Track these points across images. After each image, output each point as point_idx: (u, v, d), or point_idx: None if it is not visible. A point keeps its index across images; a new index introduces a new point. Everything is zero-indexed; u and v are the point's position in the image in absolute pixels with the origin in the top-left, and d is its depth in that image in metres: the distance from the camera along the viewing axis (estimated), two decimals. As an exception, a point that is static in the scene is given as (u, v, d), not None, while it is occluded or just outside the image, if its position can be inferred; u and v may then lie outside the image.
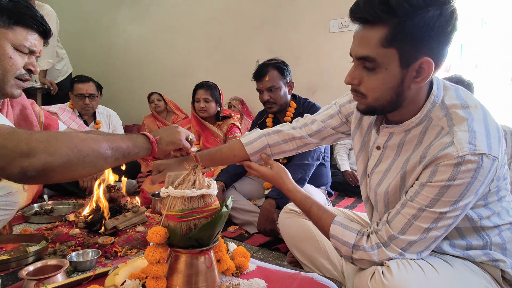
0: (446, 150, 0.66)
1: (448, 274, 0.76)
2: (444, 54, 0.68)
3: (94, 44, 4.63)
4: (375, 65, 0.68)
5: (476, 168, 0.65)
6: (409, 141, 0.76)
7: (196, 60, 3.86)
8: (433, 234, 0.71)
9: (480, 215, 0.77)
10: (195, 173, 0.68)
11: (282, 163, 1.89)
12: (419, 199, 0.70)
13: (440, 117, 0.71)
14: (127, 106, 4.45)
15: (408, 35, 0.63)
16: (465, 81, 1.72)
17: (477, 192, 0.68)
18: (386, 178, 0.81)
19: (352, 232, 0.78)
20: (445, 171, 0.66)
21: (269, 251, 1.43)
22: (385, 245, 0.73)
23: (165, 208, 0.66)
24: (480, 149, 0.65)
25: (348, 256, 0.79)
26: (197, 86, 2.33)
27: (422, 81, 0.68)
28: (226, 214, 0.66)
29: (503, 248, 0.81)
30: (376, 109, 0.75)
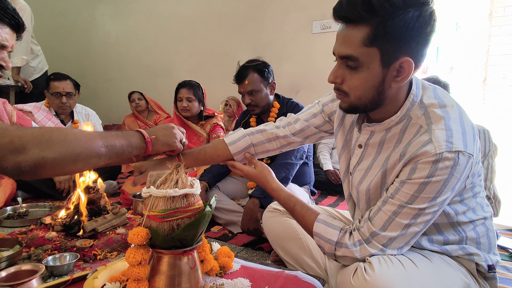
0: (425, 148, 0.69)
1: (427, 268, 0.79)
2: (423, 54, 0.70)
3: (72, 41, 4.47)
4: (358, 64, 0.70)
5: (453, 165, 0.67)
6: (390, 139, 0.78)
7: (179, 59, 3.81)
8: (412, 230, 0.73)
9: (456, 210, 0.80)
10: (178, 173, 0.66)
11: (266, 163, 1.90)
12: (399, 196, 0.72)
13: (419, 115, 0.74)
14: (107, 105, 4.33)
15: (389, 34, 0.65)
16: (442, 82, 1.78)
17: (454, 188, 0.71)
18: (368, 176, 0.83)
19: (335, 230, 0.80)
20: (423, 168, 0.68)
21: (253, 251, 1.43)
22: (367, 241, 0.75)
23: (147, 208, 0.64)
24: (456, 146, 0.67)
25: (331, 253, 0.80)
26: (180, 85, 2.30)
27: (403, 81, 0.70)
28: (210, 214, 0.65)
29: (478, 242, 0.85)
30: (358, 107, 0.77)
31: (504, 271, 1.36)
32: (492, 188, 1.65)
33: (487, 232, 0.86)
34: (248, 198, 1.72)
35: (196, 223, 0.63)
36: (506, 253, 1.56)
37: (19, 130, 0.64)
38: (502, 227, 1.90)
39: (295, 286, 0.79)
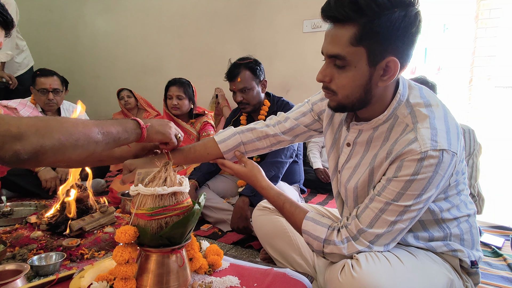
0: (410, 146, 0.70)
1: (413, 264, 0.80)
2: (409, 55, 0.72)
3: (59, 36, 4.37)
4: (345, 63, 0.71)
5: (437, 163, 0.69)
6: (377, 138, 0.80)
7: (168, 56, 3.77)
8: (398, 226, 0.74)
9: (441, 207, 0.82)
10: (166, 170, 0.66)
11: (256, 161, 1.90)
12: (386, 193, 0.74)
13: (405, 114, 0.75)
14: (95, 103, 4.25)
15: (375, 34, 0.66)
16: (429, 82, 1.81)
17: (438, 185, 0.73)
18: (356, 174, 0.84)
19: (323, 227, 0.81)
20: (409, 166, 0.70)
21: (242, 249, 1.43)
22: (354, 238, 0.76)
23: (135, 206, 0.63)
24: (441, 145, 0.69)
25: (320, 250, 0.81)
26: (170, 83, 2.28)
27: (389, 80, 0.72)
28: (199, 212, 0.65)
29: (461, 239, 0.87)
30: (346, 106, 0.78)
31: (487, 266, 1.40)
32: (476, 186, 1.69)
33: (470, 229, 0.88)
34: (238, 196, 1.72)
35: (185, 221, 0.63)
36: (489, 249, 1.60)
37: (15, 119, 0.63)
38: (485, 224, 1.95)
39: (283, 283, 0.80)
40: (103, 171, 2.42)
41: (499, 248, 1.59)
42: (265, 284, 0.79)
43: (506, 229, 1.87)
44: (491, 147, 3.95)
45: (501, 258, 1.48)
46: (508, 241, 1.52)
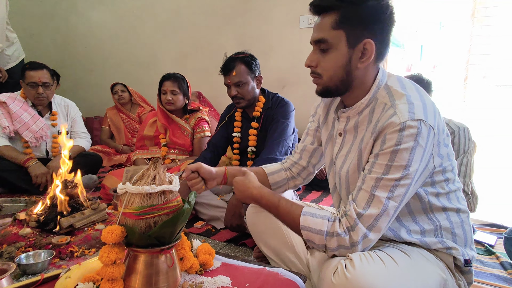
0: (390, 120, 0.76)
1: (406, 264, 0.80)
2: (384, 40, 0.81)
3: (51, 28, 4.29)
4: (328, 45, 0.80)
5: (416, 133, 0.73)
6: (362, 122, 0.85)
7: (163, 50, 3.71)
8: (392, 204, 0.75)
9: (426, 191, 0.84)
10: (155, 168, 0.64)
11: (250, 158, 1.89)
12: (375, 169, 0.77)
13: (384, 95, 0.82)
14: (88, 97, 4.20)
15: (353, 19, 0.77)
16: (425, 80, 1.80)
17: (422, 159, 0.75)
18: (347, 160, 0.88)
19: (323, 219, 0.80)
20: (391, 137, 0.75)
21: (236, 247, 1.42)
22: (353, 227, 0.76)
23: (122, 205, 0.61)
24: (417, 116, 0.74)
25: (322, 244, 0.79)
26: (164, 78, 2.24)
27: (367, 61, 0.80)
28: (189, 211, 0.63)
29: (453, 233, 0.88)
30: (331, 88, 0.85)
31: (480, 265, 1.40)
32: (470, 184, 1.70)
33: (461, 224, 0.89)
34: (232, 193, 1.70)
35: (174, 220, 0.61)
36: (482, 247, 1.60)
37: None
38: (479, 222, 1.96)
39: (276, 283, 0.78)
40: (96, 167, 2.38)
41: (492, 246, 1.60)
42: (257, 284, 0.78)
43: (499, 227, 1.88)
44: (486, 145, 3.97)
45: (493, 256, 1.49)
46: (501, 239, 1.53)
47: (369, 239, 0.76)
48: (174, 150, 2.26)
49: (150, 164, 0.64)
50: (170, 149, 2.26)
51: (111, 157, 3.09)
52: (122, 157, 3.06)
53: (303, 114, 2.31)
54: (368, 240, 0.77)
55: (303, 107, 2.31)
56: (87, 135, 2.46)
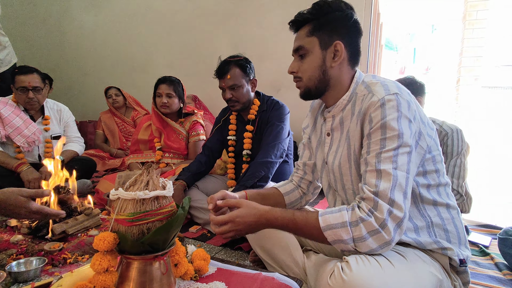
0: (370, 100, 0.84)
1: (402, 265, 0.81)
2: (352, 44, 0.93)
3: (43, 32, 4.25)
4: (305, 51, 0.94)
5: (396, 104, 0.80)
6: (346, 116, 0.93)
7: (157, 54, 3.70)
8: (400, 174, 0.77)
9: (417, 182, 0.86)
10: (149, 174, 0.63)
11: (246, 161, 1.88)
12: (372, 148, 0.81)
13: (362, 89, 0.91)
14: (82, 101, 4.16)
15: (323, 26, 0.92)
16: (418, 82, 1.81)
17: (411, 129, 0.80)
18: (338, 153, 0.95)
19: (342, 211, 0.79)
20: (376, 114, 0.81)
21: (231, 251, 1.41)
22: (375, 207, 0.75)
23: (115, 211, 0.60)
24: (392, 91, 0.82)
25: (350, 238, 0.75)
26: (159, 81, 2.23)
27: (339, 61, 0.91)
28: (183, 216, 0.62)
29: (445, 230, 0.89)
30: (311, 89, 0.96)
31: (475, 266, 1.41)
32: (464, 185, 1.71)
33: (453, 220, 0.90)
34: (227, 197, 1.69)
35: (168, 226, 0.60)
36: (477, 248, 1.61)
37: None
38: (473, 223, 1.97)
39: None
40: (90, 172, 2.35)
41: (486, 247, 1.61)
42: (253, 289, 0.77)
43: (493, 227, 1.90)
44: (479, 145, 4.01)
45: (488, 257, 1.50)
46: (495, 240, 1.54)
47: (395, 215, 0.74)
48: (169, 154, 2.24)
49: (143, 169, 0.63)
50: (165, 153, 2.24)
51: (105, 162, 3.06)
52: (117, 161, 3.04)
53: (298, 117, 2.31)
54: (395, 217, 0.74)
55: (298, 110, 2.31)
56: (80, 140, 2.44)
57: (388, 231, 0.73)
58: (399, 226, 0.74)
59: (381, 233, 0.73)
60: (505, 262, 1.40)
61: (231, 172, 1.92)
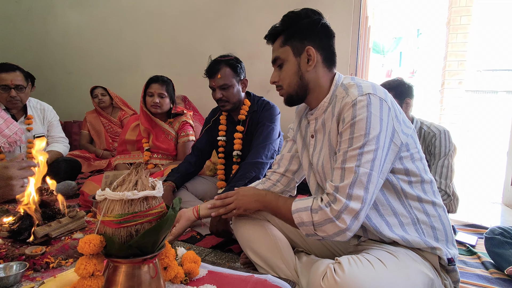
0: (345, 101, 0.88)
1: (394, 265, 0.82)
2: (325, 47, 0.98)
3: (27, 29, 4.13)
4: (281, 61, 1.00)
5: (367, 104, 0.83)
6: (327, 118, 0.96)
7: (145, 53, 3.64)
8: (362, 171, 0.81)
9: (397, 177, 0.90)
10: (137, 173, 0.60)
11: (236, 162, 1.86)
12: (342, 146, 0.86)
13: (341, 91, 0.94)
14: (67, 100, 4.05)
15: (293, 35, 0.98)
16: (406, 84, 1.83)
17: (381, 127, 0.82)
18: (321, 154, 0.99)
19: (309, 199, 0.89)
20: (348, 114, 0.85)
21: (222, 253, 1.38)
22: (333, 201, 0.82)
23: (101, 213, 0.57)
24: (365, 91, 0.85)
25: (310, 221, 0.85)
26: (151, 80, 2.19)
27: (313, 64, 0.96)
28: (173, 218, 0.60)
29: (432, 227, 0.91)
30: (293, 95, 1.01)
31: (463, 265, 1.43)
32: (451, 186, 1.74)
33: (439, 218, 0.92)
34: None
35: (157, 228, 0.58)
36: (464, 247, 1.64)
37: None
38: (459, 223, 2.01)
39: (264, 290, 0.76)
40: (75, 173, 2.28)
41: (473, 246, 1.64)
42: (245, 292, 0.75)
43: (479, 227, 1.94)
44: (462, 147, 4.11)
45: (475, 256, 1.52)
46: (482, 239, 1.56)
47: (351, 208, 0.80)
48: (158, 155, 2.20)
49: (131, 169, 0.61)
50: (153, 154, 2.20)
51: (90, 163, 2.98)
52: (103, 162, 2.96)
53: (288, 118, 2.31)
54: (351, 210, 0.80)
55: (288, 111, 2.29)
56: (65, 140, 2.37)
57: (343, 221, 0.80)
58: (356, 217, 0.81)
59: (335, 222, 0.81)
60: (491, 261, 1.42)
61: (221, 173, 1.89)
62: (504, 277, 1.30)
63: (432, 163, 1.76)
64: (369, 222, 0.91)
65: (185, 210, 1.26)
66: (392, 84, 1.84)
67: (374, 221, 0.90)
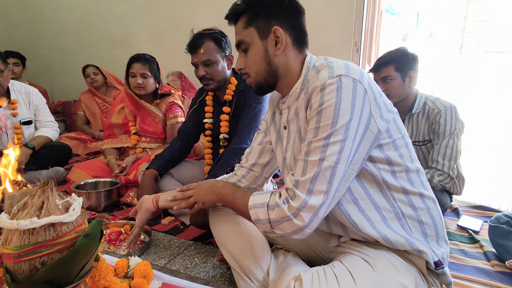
0: (314, 85, 0.78)
1: (366, 280, 0.73)
2: (294, 27, 0.86)
3: (16, 7, 3.98)
4: (246, 45, 0.88)
5: (337, 88, 0.73)
6: (300, 106, 0.85)
7: (137, 28, 3.45)
8: (326, 164, 0.72)
9: (377, 167, 0.80)
10: (44, 193, 0.51)
11: (223, 146, 1.75)
12: (307, 136, 0.77)
13: (313, 74, 0.83)
14: (64, 80, 3.98)
15: (257, 15, 0.86)
16: (410, 54, 1.63)
17: (352, 113, 0.72)
18: (294, 146, 0.88)
19: (267, 194, 0.81)
20: (315, 100, 0.75)
21: (202, 246, 1.32)
22: (292, 197, 0.75)
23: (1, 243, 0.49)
24: (336, 73, 0.75)
25: (266, 219, 0.78)
26: (132, 59, 2.05)
27: (282, 47, 0.85)
28: (89, 244, 0.51)
29: (420, 222, 0.82)
30: (262, 83, 0.89)
31: (462, 256, 1.32)
32: (455, 168, 1.58)
33: (428, 211, 0.83)
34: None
35: (69, 259, 0.49)
36: (467, 234, 1.52)
37: None
38: (465, 204, 1.87)
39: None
40: (64, 158, 2.23)
41: (476, 232, 1.52)
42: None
43: (485, 209, 1.80)
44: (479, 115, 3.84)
45: (477, 245, 1.41)
46: (487, 223, 1.44)
47: (311, 205, 0.72)
48: (146, 138, 2.12)
49: (36, 189, 0.51)
50: (141, 137, 2.11)
51: (87, 144, 2.94)
52: (99, 144, 2.91)
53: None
54: (311, 207, 0.72)
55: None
56: (54, 124, 2.30)
57: (301, 219, 0.73)
58: (316, 215, 0.73)
59: (292, 220, 0.73)
60: (494, 251, 1.31)
61: (209, 158, 1.80)
62: (506, 270, 1.20)
63: (435, 143, 1.60)
64: (348, 219, 0.81)
65: (146, 198, 1.17)
66: (393, 56, 1.64)
67: (353, 217, 0.81)
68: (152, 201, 1.15)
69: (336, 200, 0.77)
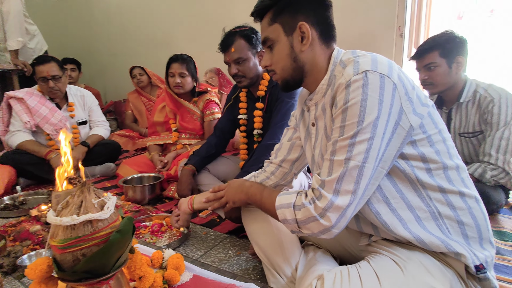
0: (339, 83, 0.75)
1: (392, 282, 0.70)
2: (320, 21, 0.84)
3: (72, 16, 4.37)
4: (271, 41, 0.87)
5: (362, 84, 0.70)
6: (327, 102, 0.83)
7: (177, 28, 3.60)
8: (352, 164, 0.70)
9: (410, 164, 0.76)
10: (82, 193, 0.57)
11: (257, 141, 1.78)
12: (333, 135, 0.75)
13: (340, 70, 0.80)
14: (114, 81, 4.30)
15: (283, 11, 0.84)
16: (457, 38, 1.49)
17: (380, 109, 0.69)
18: (322, 144, 0.87)
19: (293, 194, 0.81)
20: (340, 98, 0.73)
21: (236, 239, 1.37)
22: (318, 197, 0.74)
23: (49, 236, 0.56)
24: (362, 68, 0.71)
25: (293, 219, 0.78)
26: (171, 59, 2.16)
27: (307, 43, 0.83)
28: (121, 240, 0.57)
29: (460, 222, 0.76)
30: (288, 80, 0.88)
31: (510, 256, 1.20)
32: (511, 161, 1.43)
33: (469, 211, 0.76)
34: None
35: (105, 251, 0.55)
36: (524, 234, 1.38)
37: None
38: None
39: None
40: (114, 155, 2.43)
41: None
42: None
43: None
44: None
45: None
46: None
47: (337, 205, 0.71)
48: (185, 135, 2.22)
49: (76, 189, 0.58)
50: (181, 134, 2.23)
51: (135, 141, 3.17)
52: (145, 140, 3.13)
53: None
54: (337, 207, 0.71)
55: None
56: (105, 123, 2.52)
57: (328, 219, 0.72)
58: (343, 215, 0.72)
59: (318, 221, 0.73)
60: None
61: (244, 153, 1.84)
62: None
63: (488, 134, 1.46)
64: (378, 218, 0.78)
65: (182, 201, 1.23)
66: (438, 40, 1.52)
67: (384, 217, 0.78)
68: (187, 204, 1.21)
69: (365, 199, 0.75)
